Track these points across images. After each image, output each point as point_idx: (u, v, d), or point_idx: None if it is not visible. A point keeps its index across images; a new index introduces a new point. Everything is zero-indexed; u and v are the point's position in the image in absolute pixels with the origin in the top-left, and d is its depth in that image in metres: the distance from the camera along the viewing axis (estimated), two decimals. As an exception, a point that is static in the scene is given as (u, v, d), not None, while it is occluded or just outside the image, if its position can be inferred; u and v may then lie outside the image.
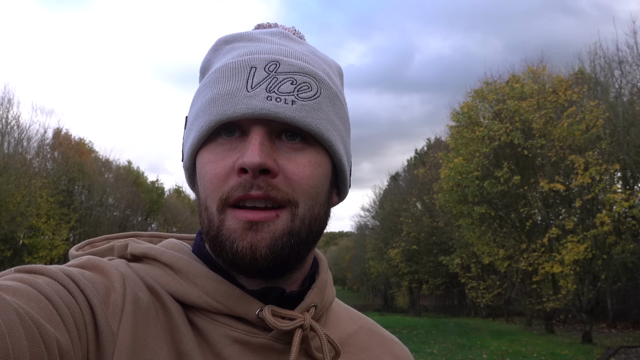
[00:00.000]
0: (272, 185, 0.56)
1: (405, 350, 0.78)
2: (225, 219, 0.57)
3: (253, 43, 0.63)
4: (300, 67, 0.59)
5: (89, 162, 35.44)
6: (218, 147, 0.59)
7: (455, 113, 20.14)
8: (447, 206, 20.95)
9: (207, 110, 0.58)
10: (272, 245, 0.56)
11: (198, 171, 0.61)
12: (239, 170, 0.55)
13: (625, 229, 16.28)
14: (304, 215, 0.58)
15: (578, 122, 15.93)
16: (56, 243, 28.65)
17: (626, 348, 15.04)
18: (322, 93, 0.60)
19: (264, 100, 0.55)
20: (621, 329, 21.48)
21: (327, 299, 0.67)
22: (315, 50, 0.68)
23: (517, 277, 18.77)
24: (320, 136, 0.59)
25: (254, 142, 0.55)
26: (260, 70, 0.57)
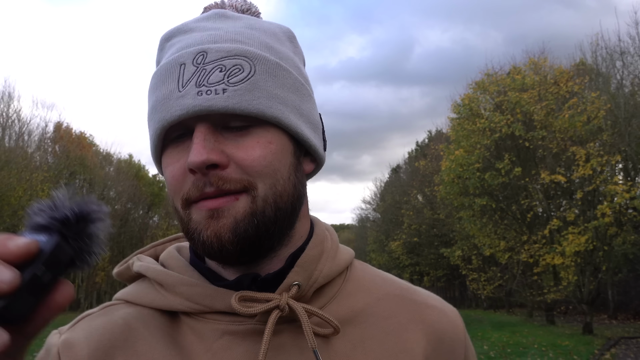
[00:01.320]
0: (224, 177, 0.56)
1: (443, 314, 0.70)
2: (191, 213, 0.59)
3: (186, 35, 0.62)
4: (228, 50, 0.58)
5: (89, 155, 35.48)
6: (173, 150, 0.60)
7: (456, 105, 20.10)
8: (448, 198, 20.97)
9: (152, 118, 0.60)
10: (234, 229, 0.56)
11: (163, 172, 0.63)
12: (189, 170, 0.56)
13: (627, 221, 16.29)
14: (266, 194, 0.58)
15: (579, 113, 15.89)
16: (58, 236, 28.79)
17: (627, 339, 15.09)
18: (257, 70, 0.58)
19: (194, 97, 0.55)
20: (622, 320, 21.53)
21: (321, 273, 0.65)
22: (254, 23, 0.65)
23: (518, 268, 18.81)
24: (262, 115, 0.58)
25: (196, 141, 0.56)
26: (189, 65, 0.57)
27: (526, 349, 12.02)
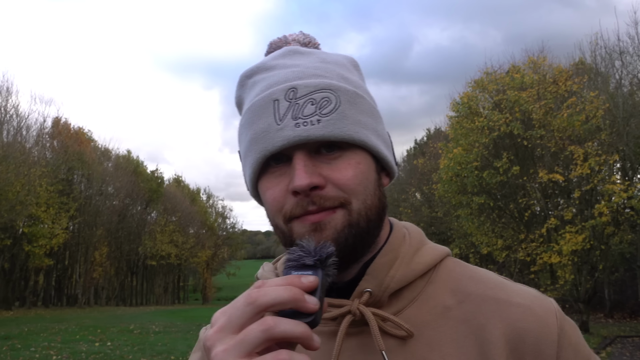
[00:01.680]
0: (323, 196, 0.65)
1: (529, 312, 0.68)
2: (293, 227, 0.67)
3: (269, 73, 0.71)
4: (315, 85, 0.66)
5: (88, 151, 35.40)
6: (271, 176, 0.68)
7: (455, 103, 20.09)
8: (446, 196, 20.98)
9: (251, 149, 0.68)
10: (336, 239, 0.64)
11: (261, 197, 0.71)
12: (292, 192, 0.65)
13: (624, 220, 16.33)
14: (359, 208, 0.66)
15: (578, 112, 15.90)
16: (56, 232, 28.68)
17: (622, 338, 15.15)
18: (342, 100, 0.67)
19: (293, 128, 0.64)
20: (618, 319, 21.61)
21: (393, 279, 0.70)
22: (325, 56, 0.74)
23: (515, 267, 18.87)
24: (351, 140, 0.66)
25: (298, 167, 0.64)
26: (282, 101, 0.66)
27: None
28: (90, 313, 26.97)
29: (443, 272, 0.74)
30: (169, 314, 27.14)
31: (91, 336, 13.79)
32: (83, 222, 34.56)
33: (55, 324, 18.13)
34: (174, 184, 52.54)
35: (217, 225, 55.99)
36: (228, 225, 57.64)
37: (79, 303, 34.23)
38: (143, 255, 42.32)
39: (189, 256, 44.94)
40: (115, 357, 10.25)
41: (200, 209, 52.93)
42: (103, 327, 16.59)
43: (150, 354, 10.81)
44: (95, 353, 10.69)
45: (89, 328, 16.26)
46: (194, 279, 59.97)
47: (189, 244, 43.91)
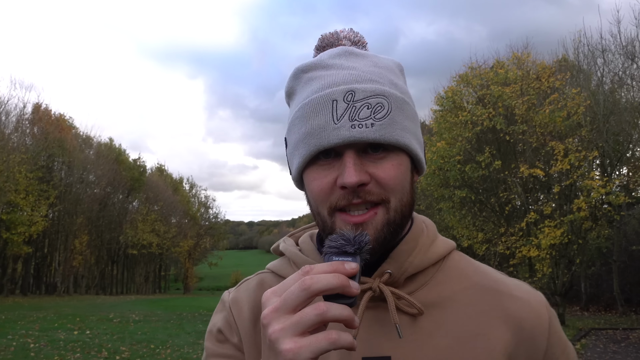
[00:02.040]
0: (367, 191, 0.72)
1: (527, 305, 0.79)
2: (336, 222, 0.74)
3: (327, 71, 0.77)
4: (371, 90, 0.73)
5: (69, 138, 34.87)
6: (319, 168, 0.75)
7: (439, 97, 20.21)
8: (428, 189, 21.14)
9: (305, 141, 0.74)
10: (376, 238, 0.73)
11: (306, 185, 0.79)
12: (341, 186, 0.72)
13: (601, 215, 16.63)
14: (397, 206, 0.74)
15: (560, 109, 16.11)
16: (35, 219, 28.27)
17: (597, 330, 15.49)
18: (393, 106, 0.74)
19: (349, 129, 0.71)
20: (593, 312, 22.07)
21: (411, 265, 0.79)
22: (377, 61, 0.80)
23: (494, 260, 19.12)
24: (397, 144, 0.74)
25: (349, 165, 0.71)
26: (341, 102, 0.72)
27: (500, 339, 12.26)
28: (70, 301, 26.71)
29: (451, 263, 0.85)
30: (149, 303, 27.01)
31: (70, 324, 13.68)
32: (63, 209, 34.12)
33: (34, 312, 17.94)
34: (156, 173, 52.09)
35: (199, 215, 55.73)
36: (211, 215, 57.45)
37: (58, 291, 33.87)
38: (124, 244, 41.97)
39: (171, 246, 44.69)
40: (94, 346, 10.18)
41: (183, 198, 52.61)
42: (82, 316, 16.46)
43: (130, 343, 10.76)
44: (74, 341, 10.61)
45: (68, 316, 16.12)
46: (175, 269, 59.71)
47: (170, 234, 43.65)
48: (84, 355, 9.03)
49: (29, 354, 8.91)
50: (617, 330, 15.49)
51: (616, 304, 20.97)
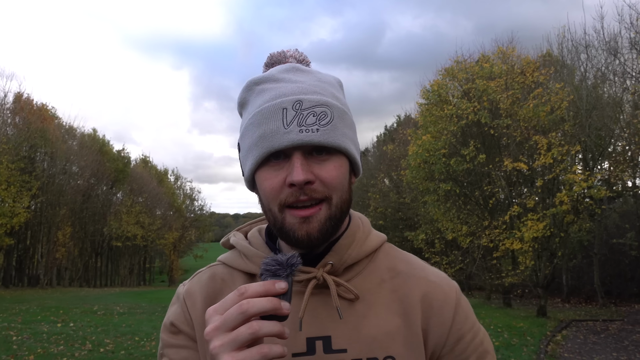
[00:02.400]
0: (313, 189, 0.82)
1: (438, 287, 0.93)
2: (286, 217, 0.84)
3: (277, 84, 0.87)
4: (317, 101, 0.84)
5: (51, 128, 34.35)
6: (270, 169, 0.85)
7: (425, 91, 20.29)
8: (414, 183, 21.27)
9: (258, 144, 0.84)
10: (320, 230, 0.84)
11: (259, 185, 0.88)
12: (289, 184, 0.81)
13: (583, 209, 16.88)
14: (337, 202, 0.85)
15: (543, 103, 16.28)
16: (17, 210, 27.88)
17: (577, 321, 15.77)
18: (335, 115, 0.85)
19: (297, 133, 0.81)
20: (574, 304, 22.45)
21: (350, 257, 0.91)
22: (320, 76, 0.91)
23: (478, 252, 19.34)
24: (338, 147, 0.84)
25: (297, 165, 0.81)
26: (290, 110, 0.82)
27: (483, 330, 12.41)
28: (53, 294, 26.45)
29: (382, 254, 0.98)
30: (134, 295, 26.87)
31: (53, 317, 13.56)
32: (46, 201, 33.69)
33: (16, 304, 17.75)
34: (141, 165, 51.63)
35: (184, 207, 55.40)
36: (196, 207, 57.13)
37: (40, 284, 33.52)
38: (108, 236, 41.60)
39: (156, 238, 44.40)
40: (78, 338, 10.11)
41: (168, 190, 52.25)
42: (66, 308, 16.32)
43: (114, 335, 10.71)
44: (57, 334, 10.53)
45: (51, 309, 15.98)
46: (160, 261, 59.37)
47: (155, 226, 43.35)
48: (68, 348, 8.97)
49: (12, 347, 8.83)
50: (597, 321, 15.77)
51: (597, 296, 21.36)
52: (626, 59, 17.26)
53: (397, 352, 0.86)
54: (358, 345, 0.86)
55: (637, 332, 13.24)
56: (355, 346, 0.86)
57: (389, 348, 0.86)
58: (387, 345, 0.87)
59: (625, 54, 17.27)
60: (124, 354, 8.63)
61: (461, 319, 0.91)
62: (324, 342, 0.86)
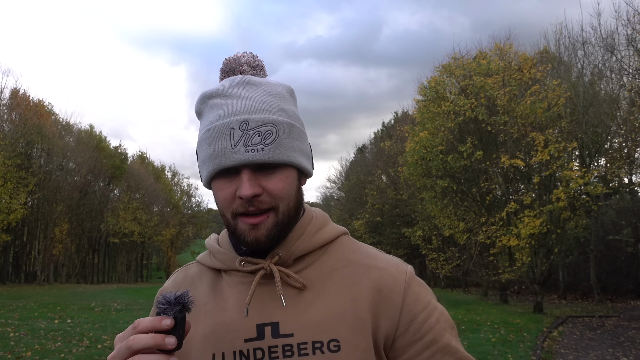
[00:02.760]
0: (260, 201, 0.90)
1: (387, 273, 0.98)
2: (237, 223, 0.92)
3: (227, 100, 0.93)
4: (263, 120, 0.90)
5: (48, 124, 34.24)
6: (223, 180, 0.92)
7: (422, 87, 20.29)
8: (411, 179, 21.30)
9: (210, 161, 0.92)
10: (268, 235, 0.91)
11: (214, 193, 0.96)
12: (239, 197, 0.89)
13: (580, 205, 16.93)
14: (284, 210, 0.93)
15: (541, 100, 16.29)
16: (14, 207, 27.83)
17: (574, 318, 15.84)
18: (280, 131, 0.91)
19: (243, 153, 0.88)
20: (570, 300, 22.55)
21: (297, 249, 0.98)
22: (270, 88, 0.96)
23: (475, 249, 19.39)
24: (283, 162, 0.91)
25: (244, 180, 0.88)
26: (237, 130, 0.89)
27: (479, 326, 12.48)
28: (50, 290, 26.44)
29: (337, 246, 1.04)
30: (131, 291, 26.87)
31: (50, 313, 13.56)
32: (42, 197, 33.63)
33: (13, 301, 17.73)
34: (138, 161, 51.52)
35: (182, 203, 55.36)
36: (193, 203, 57.09)
37: (37, 280, 33.48)
38: (105, 233, 41.54)
39: (153, 234, 44.36)
40: (76, 334, 10.12)
41: (165, 186, 52.18)
42: (63, 305, 16.32)
43: (112, 331, 10.71)
44: (55, 330, 10.53)
45: (48, 305, 15.97)
46: (157, 257, 59.38)
47: (153, 222, 43.30)
48: (65, 344, 8.97)
49: (9, 343, 8.83)
50: (593, 317, 15.85)
51: (593, 293, 21.45)
52: (623, 56, 17.30)
53: (342, 335, 0.92)
54: (304, 330, 0.92)
55: (633, 328, 13.31)
56: (301, 330, 0.92)
57: (334, 331, 0.92)
58: (332, 328, 0.92)
59: (622, 51, 17.32)
60: (121, 350, 8.64)
61: (412, 300, 0.95)
62: (272, 327, 0.93)
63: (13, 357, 7.70)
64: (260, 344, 0.92)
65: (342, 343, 0.91)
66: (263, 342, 0.92)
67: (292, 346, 0.92)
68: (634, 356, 9.49)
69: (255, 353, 0.92)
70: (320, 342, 0.91)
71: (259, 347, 0.92)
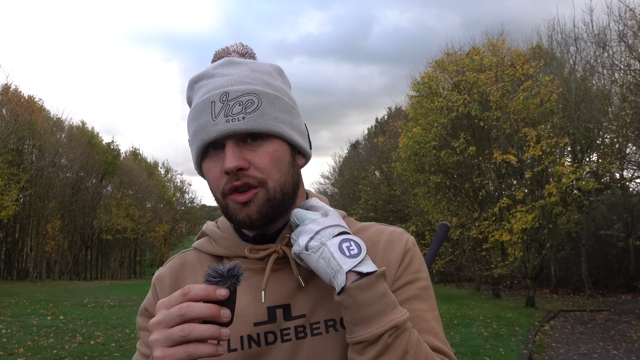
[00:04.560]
0: (247, 175, 0.87)
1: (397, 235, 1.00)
2: (228, 203, 0.90)
3: (210, 80, 0.92)
4: (243, 90, 0.88)
5: (39, 120, 33.97)
6: (210, 159, 0.91)
7: (415, 83, 20.32)
8: (404, 175, 21.33)
9: (195, 139, 0.90)
10: (259, 212, 0.88)
11: (205, 176, 0.94)
12: (225, 172, 0.87)
13: (571, 201, 17.04)
14: (275, 186, 0.89)
15: (533, 96, 16.36)
16: (5, 203, 27.63)
17: (565, 312, 15.97)
18: (263, 101, 0.89)
19: (224, 123, 0.86)
20: (562, 295, 22.72)
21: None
22: (254, 66, 0.95)
23: (468, 244, 19.47)
24: (268, 132, 0.88)
25: (228, 153, 0.86)
26: (217, 102, 0.87)
27: (472, 321, 12.56)
28: (42, 287, 26.31)
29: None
30: (124, 288, 26.79)
31: (43, 310, 13.50)
32: (34, 194, 33.41)
33: (5, 297, 17.64)
34: (130, 157, 51.26)
35: (175, 199, 55.15)
36: (187, 199, 56.86)
37: (30, 277, 33.30)
38: (98, 229, 41.34)
39: (146, 230, 44.17)
40: (68, 331, 10.09)
41: (158, 183, 51.96)
42: (55, 301, 16.26)
43: (105, 328, 10.69)
44: (47, 327, 10.49)
45: (41, 302, 15.91)
46: (151, 254, 59.16)
47: (146, 218, 43.11)
48: (58, 341, 8.95)
49: (1, 340, 8.80)
50: (585, 312, 15.99)
51: (584, 287, 21.61)
52: (614, 52, 17.39)
53: None
54: (316, 309, 0.92)
55: (623, 322, 13.43)
56: (313, 311, 0.92)
57: None
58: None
59: (613, 47, 17.40)
60: (114, 346, 8.63)
61: (408, 260, 0.97)
62: (284, 309, 0.92)
63: (5, 353, 7.67)
64: (272, 327, 0.91)
65: None
66: (274, 325, 0.91)
67: (304, 327, 0.91)
68: (624, 349, 9.59)
69: (266, 337, 0.91)
70: (333, 320, 0.91)
71: (271, 331, 0.91)
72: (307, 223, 0.85)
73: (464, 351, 8.52)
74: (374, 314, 0.81)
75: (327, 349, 0.90)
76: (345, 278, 0.80)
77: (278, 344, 0.90)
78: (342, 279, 0.80)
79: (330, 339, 0.90)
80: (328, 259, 0.81)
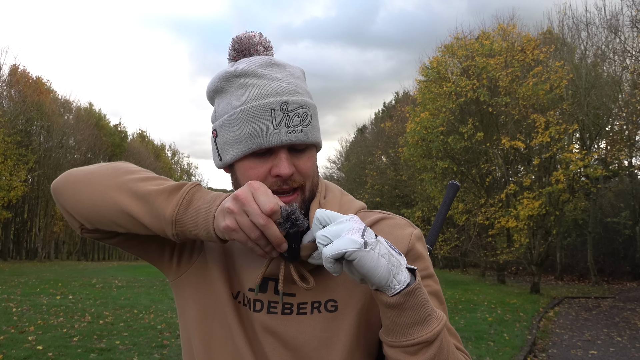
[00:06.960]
0: (293, 180, 0.96)
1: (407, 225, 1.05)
2: None
3: (259, 80, 0.98)
4: (299, 102, 0.96)
5: (47, 101, 34.06)
6: (255, 159, 0.96)
7: (424, 68, 20.15)
8: (411, 160, 21.29)
9: (248, 140, 0.95)
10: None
11: (242, 172, 0.98)
12: (275, 175, 0.94)
13: (579, 188, 16.96)
14: (310, 187, 0.99)
15: (543, 82, 16.20)
16: (14, 184, 27.86)
17: (570, 298, 16.01)
18: (311, 114, 0.98)
19: (286, 134, 0.93)
20: (567, 281, 22.75)
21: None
22: (292, 71, 1.02)
23: (474, 230, 19.49)
24: (315, 143, 0.99)
25: (283, 159, 0.94)
26: (278, 111, 0.94)
27: (477, 306, 12.63)
28: (51, 267, 26.64)
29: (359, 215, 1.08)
30: (132, 269, 27.08)
31: (52, 289, 13.70)
32: (43, 175, 33.64)
33: (15, 277, 17.89)
34: (138, 139, 51.44)
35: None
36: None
37: (38, 257, 33.70)
38: (105, 211, 41.67)
39: (153, 212, 44.48)
40: (77, 310, 10.24)
41: (165, 165, 52.22)
42: (64, 281, 16.47)
43: (113, 307, 10.85)
44: (57, 306, 10.65)
45: (50, 282, 16.12)
46: (157, 236, 59.47)
47: (153, 200, 43.38)
48: (67, 320, 9.09)
49: (12, 318, 8.95)
50: (589, 298, 16.02)
51: (589, 274, 21.63)
52: (627, 37, 17.16)
53: (339, 295, 0.98)
54: (306, 291, 0.98)
55: (628, 309, 13.46)
56: (303, 291, 0.98)
57: (332, 292, 0.98)
58: (332, 289, 0.98)
59: (626, 32, 17.17)
60: (123, 325, 8.76)
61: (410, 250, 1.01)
62: (275, 283, 0.99)
63: (16, 331, 7.81)
64: (262, 296, 0.99)
65: (339, 303, 0.97)
66: (264, 295, 0.99)
67: (292, 305, 0.98)
68: (628, 336, 9.63)
69: (254, 304, 0.99)
70: (319, 302, 0.98)
71: (259, 299, 0.99)
72: (344, 221, 0.82)
73: (468, 336, 8.59)
74: (430, 312, 0.83)
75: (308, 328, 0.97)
76: (407, 275, 0.82)
77: (263, 313, 0.98)
78: (405, 274, 0.81)
79: (314, 319, 0.97)
80: (388, 256, 0.80)
